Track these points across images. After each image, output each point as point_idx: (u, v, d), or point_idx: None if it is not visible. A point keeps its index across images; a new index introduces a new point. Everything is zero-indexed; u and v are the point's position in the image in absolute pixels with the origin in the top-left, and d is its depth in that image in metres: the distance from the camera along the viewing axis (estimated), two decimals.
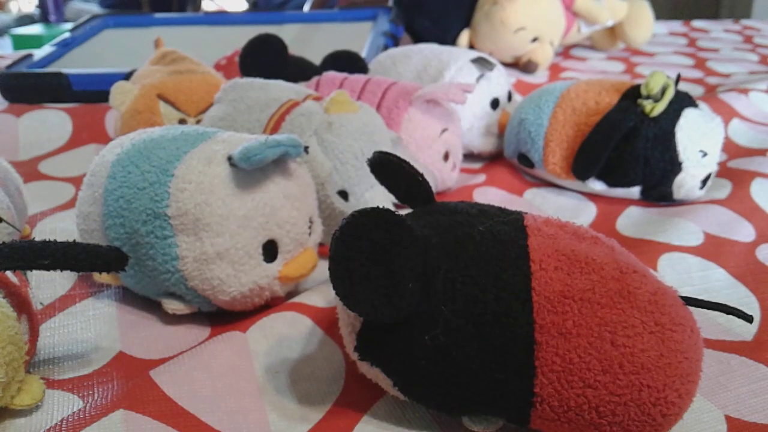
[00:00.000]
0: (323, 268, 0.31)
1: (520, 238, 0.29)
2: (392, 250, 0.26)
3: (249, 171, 0.35)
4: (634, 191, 0.54)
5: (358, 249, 0.26)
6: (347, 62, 0.65)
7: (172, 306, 0.37)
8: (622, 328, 0.26)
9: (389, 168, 0.33)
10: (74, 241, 0.31)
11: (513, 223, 0.30)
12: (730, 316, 0.39)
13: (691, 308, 0.40)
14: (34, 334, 0.32)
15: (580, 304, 0.26)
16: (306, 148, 0.37)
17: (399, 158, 0.33)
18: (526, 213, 0.31)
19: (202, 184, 0.34)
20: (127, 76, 0.62)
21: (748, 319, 0.30)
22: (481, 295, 0.27)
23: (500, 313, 0.27)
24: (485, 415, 0.29)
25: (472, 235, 0.29)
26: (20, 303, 0.31)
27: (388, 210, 0.27)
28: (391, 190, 0.34)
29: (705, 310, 0.39)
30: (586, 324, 0.26)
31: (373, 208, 0.27)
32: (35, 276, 0.42)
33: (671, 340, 0.26)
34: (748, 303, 0.41)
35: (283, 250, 0.37)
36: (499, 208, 0.32)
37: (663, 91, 0.51)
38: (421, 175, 0.33)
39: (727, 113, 0.70)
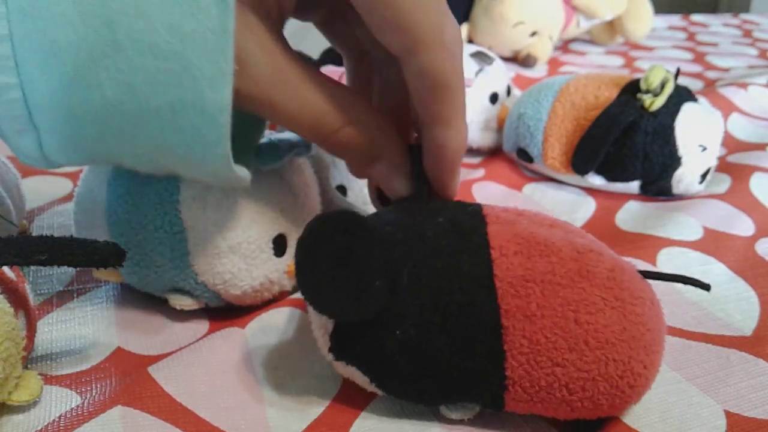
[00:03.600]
0: None
1: (479, 226, 0.29)
2: (356, 252, 0.26)
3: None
4: (633, 186, 0.53)
5: (322, 254, 0.26)
6: None
7: (180, 302, 0.37)
8: (584, 305, 0.27)
9: None
10: (71, 236, 0.31)
11: (472, 213, 0.30)
12: (730, 311, 0.39)
13: (689, 305, 0.40)
14: (31, 330, 0.32)
15: (542, 287, 0.27)
16: (310, 146, 0.37)
17: None
18: (486, 204, 0.32)
19: None
20: None
21: (706, 287, 0.31)
22: (446, 286, 0.28)
23: (465, 302, 0.27)
24: (461, 403, 0.30)
25: (433, 228, 0.29)
26: (17, 299, 0.31)
27: (349, 212, 0.27)
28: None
29: (704, 307, 0.40)
30: (550, 305, 0.27)
31: (334, 212, 0.27)
32: (32, 271, 0.42)
33: (632, 314, 0.27)
34: (748, 297, 0.41)
35: (292, 243, 0.37)
36: (458, 201, 0.33)
37: (662, 86, 0.51)
38: None
39: (727, 107, 0.70)
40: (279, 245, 0.37)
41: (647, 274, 0.31)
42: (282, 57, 0.28)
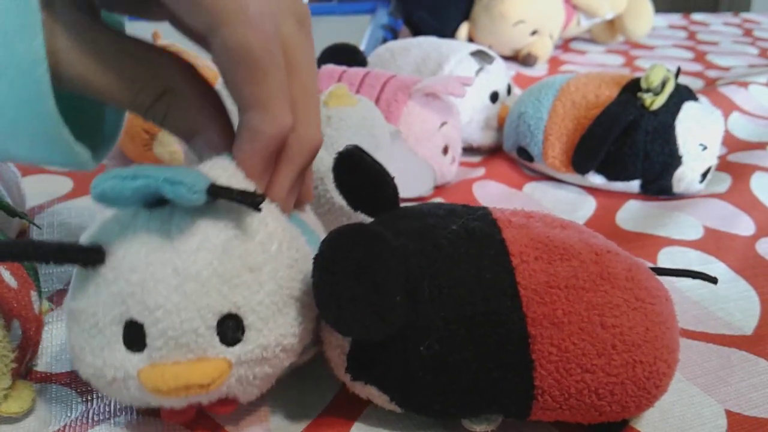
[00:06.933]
0: None
1: (494, 232, 0.29)
2: (374, 266, 0.25)
3: (135, 218, 0.26)
4: (634, 185, 0.53)
5: (341, 271, 0.25)
6: (346, 55, 0.64)
7: None
8: (608, 309, 0.27)
9: (361, 166, 0.31)
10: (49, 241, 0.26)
11: (483, 218, 0.30)
12: (730, 310, 0.39)
13: (689, 304, 0.40)
14: (28, 339, 0.31)
15: (566, 292, 0.27)
16: (217, 190, 0.24)
17: (371, 157, 0.31)
18: (492, 207, 0.31)
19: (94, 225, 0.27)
20: None
21: (713, 280, 0.31)
22: (468, 297, 0.27)
23: (490, 312, 0.26)
24: (485, 414, 0.29)
25: (447, 236, 0.28)
26: (9, 309, 0.30)
27: (364, 225, 0.26)
28: (348, 190, 0.32)
29: (705, 306, 0.40)
30: (575, 311, 0.26)
31: (349, 226, 0.26)
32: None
33: (653, 313, 0.27)
34: (748, 297, 0.41)
35: (152, 344, 0.25)
36: (464, 206, 0.32)
37: (663, 85, 0.51)
38: (392, 179, 0.31)
39: (727, 106, 0.70)
40: (132, 335, 0.25)
41: (658, 271, 0.31)
42: (90, 31, 0.27)
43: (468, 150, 0.64)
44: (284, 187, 0.29)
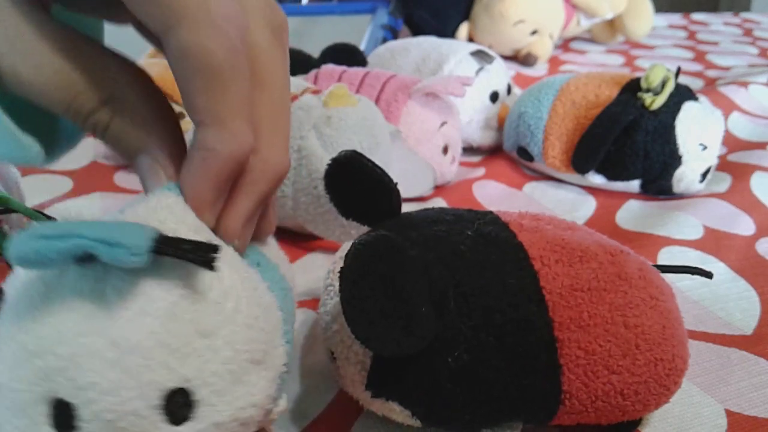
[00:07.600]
0: (322, 265, 0.31)
1: (510, 236, 0.28)
2: (399, 278, 0.24)
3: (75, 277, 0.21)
4: (634, 185, 0.53)
5: (369, 286, 0.24)
6: (346, 55, 0.65)
7: None
8: (629, 309, 0.27)
9: (361, 172, 0.30)
10: None
11: (494, 222, 0.29)
12: (730, 310, 0.39)
13: (690, 304, 0.40)
14: None
15: (590, 294, 0.27)
16: (163, 247, 0.20)
17: (372, 162, 0.30)
18: (497, 210, 0.31)
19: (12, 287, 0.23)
20: None
21: (708, 275, 0.32)
22: (495, 304, 0.26)
23: (518, 318, 0.26)
24: (507, 422, 0.28)
25: (465, 243, 0.28)
26: None
27: (385, 236, 0.25)
28: (342, 197, 0.30)
29: (705, 306, 0.40)
30: (599, 312, 0.26)
31: (372, 238, 0.25)
32: None
33: (665, 310, 0.27)
34: (748, 296, 0.41)
35: (84, 428, 0.20)
36: (470, 210, 0.31)
37: (663, 84, 0.51)
38: (395, 185, 0.30)
39: (727, 106, 0.70)
40: (63, 417, 0.20)
41: (660, 268, 0.31)
42: (28, 21, 0.23)
43: (468, 150, 0.64)
44: (240, 217, 0.25)
